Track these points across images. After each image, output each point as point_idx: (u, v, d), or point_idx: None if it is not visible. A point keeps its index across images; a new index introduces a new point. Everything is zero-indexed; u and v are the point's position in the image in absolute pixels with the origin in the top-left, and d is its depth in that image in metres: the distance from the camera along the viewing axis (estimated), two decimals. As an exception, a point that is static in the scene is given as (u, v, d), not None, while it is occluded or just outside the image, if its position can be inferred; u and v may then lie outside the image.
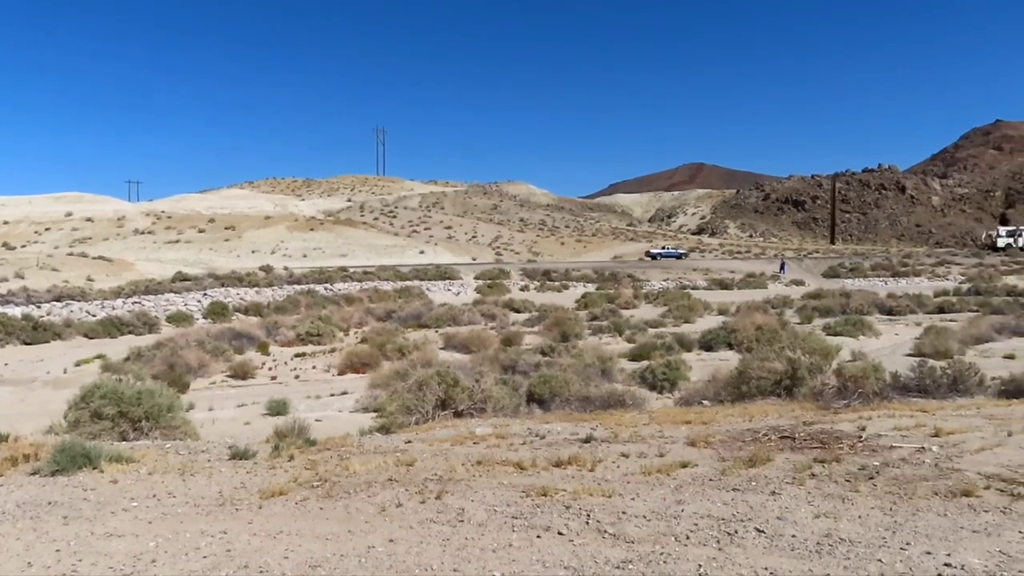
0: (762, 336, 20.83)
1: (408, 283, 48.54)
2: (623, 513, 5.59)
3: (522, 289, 49.24)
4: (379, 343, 22.93)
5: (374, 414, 12.84)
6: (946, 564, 4.50)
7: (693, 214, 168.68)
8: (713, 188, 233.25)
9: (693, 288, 49.65)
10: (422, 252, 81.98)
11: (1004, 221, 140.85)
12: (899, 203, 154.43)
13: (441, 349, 23.35)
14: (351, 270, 54.18)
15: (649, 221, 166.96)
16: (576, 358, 18.26)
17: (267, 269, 52.95)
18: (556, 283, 51.65)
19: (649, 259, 73.60)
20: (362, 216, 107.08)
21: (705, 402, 12.43)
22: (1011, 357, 18.49)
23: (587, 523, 5.40)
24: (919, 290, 43.37)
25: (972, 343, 21.37)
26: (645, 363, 18.25)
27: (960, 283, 49.07)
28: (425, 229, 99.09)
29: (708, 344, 22.18)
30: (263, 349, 24.26)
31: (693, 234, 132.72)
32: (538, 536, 5.19)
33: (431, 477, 6.81)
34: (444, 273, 53.70)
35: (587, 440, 8.29)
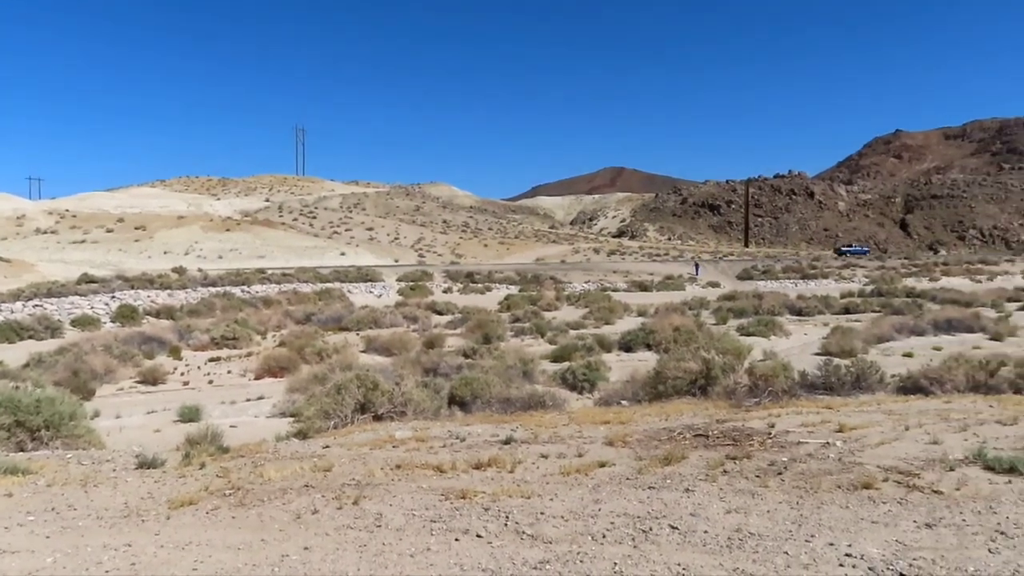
0: (679, 337, 21.32)
1: (328, 285, 47.73)
2: (541, 514, 5.63)
3: (445, 291, 49.09)
4: (298, 346, 22.47)
5: (291, 419, 12.58)
6: (847, 554, 4.70)
7: (614, 217, 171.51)
8: (633, 192, 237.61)
9: (614, 290, 50.45)
10: (343, 254, 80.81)
11: (904, 226, 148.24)
12: (808, 208, 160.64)
13: (362, 352, 23.06)
14: (269, 272, 52.94)
15: (571, 224, 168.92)
16: (498, 360, 18.32)
17: (180, 271, 51.22)
18: (479, 285, 51.69)
19: (837, 255, 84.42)
20: (281, 217, 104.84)
21: (624, 402, 12.65)
22: (909, 355, 19.47)
23: (506, 525, 5.42)
24: (827, 292, 45.18)
25: (874, 342, 22.42)
26: (566, 364, 18.45)
27: (864, 285, 51.34)
28: (346, 230, 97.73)
29: (627, 345, 22.57)
30: (175, 354, 23.45)
31: (613, 236, 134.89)
32: (456, 539, 5.18)
33: (349, 482, 6.71)
34: (366, 275, 53.05)
35: (507, 441, 8.33)
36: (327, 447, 8.64)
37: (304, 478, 6.92)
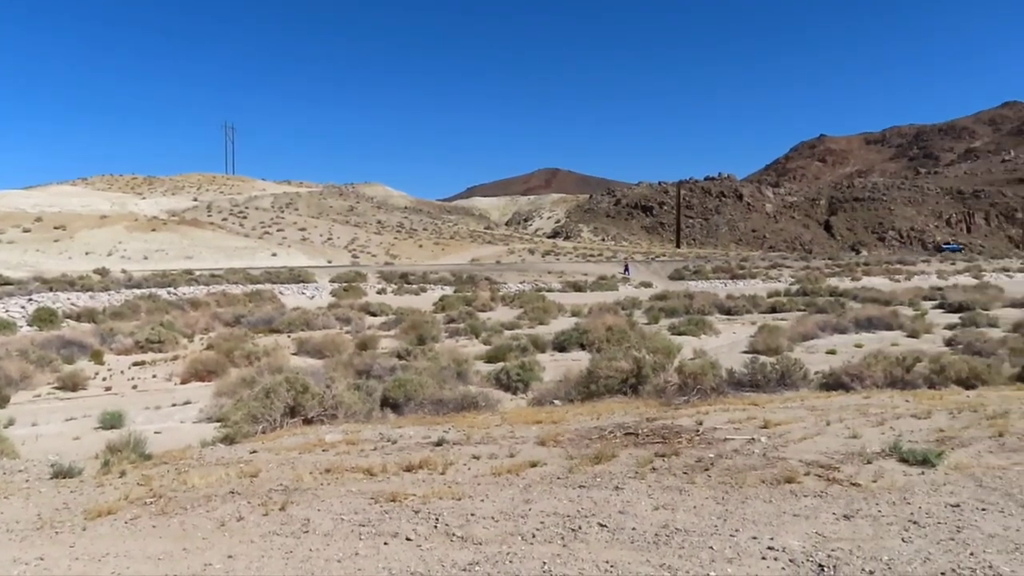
0: (612, 336, 21.55)
1: (259, 286, 46.66)
2: (472, 515, 5.61)
3: (379, 292, 48.52)
4: (226, 349, 21.87)
5: (218, 424, 12.24)
6: (769, 547, 4.83)
7: (549, 218, 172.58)
8: (568, 193, 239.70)
9: (548, 290, 50.69)
10: (274, 254, 79.18)
11: (828, 227, 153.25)
12: (737, 210, 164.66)
13: (293, 354, 22.60)
14: (197, 273, 51.48)
15: (506, 224, 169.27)
16: (432, 361, 18.19)
17: (103, 272, 49.38)
18: (414, 286, 51.29)
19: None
20: (210, 216, 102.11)
21: (556, 402, 12.72)
22: (832, 352, 20.09)
23: (436, 527, 5.38)
24: (755, 291, 46.28)
25: (800, 340, 23.05)
26: (500, 365, 18.44)
27: (790, 284, 52.81)
28: (278, 230, 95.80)
29: (561, 345, 22.68)
30: (97, 358, 22.56)
31: (548, 237, 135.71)
32: (385, 543, 5.12)
33: (276, 488, 6.58)
34: (298, 276, 52.07)
35: (439, 443, 8.28)
36: (255, 452, 8.44)
37: (230, 484, 6.75)
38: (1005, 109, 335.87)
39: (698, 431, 8.42)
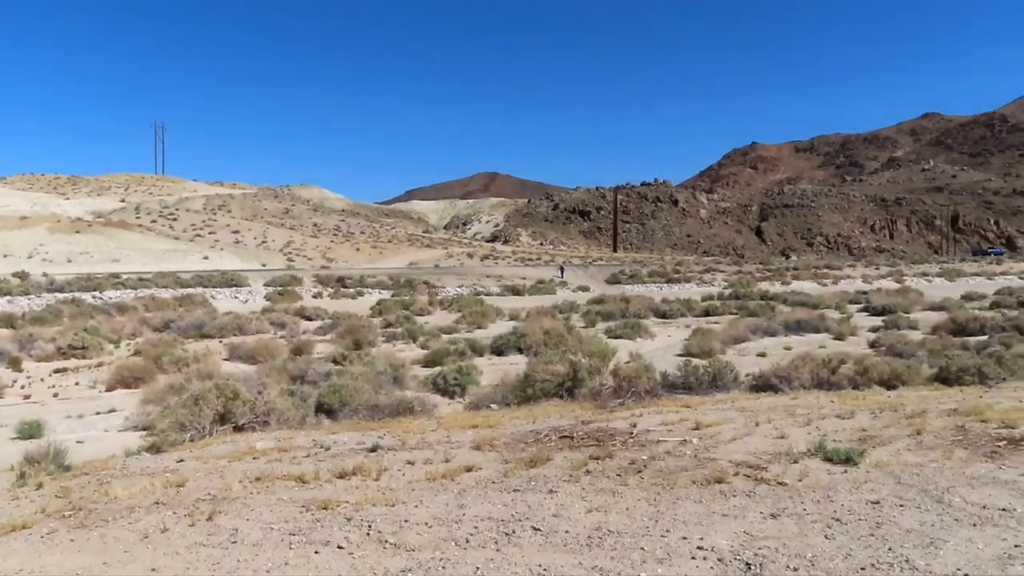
0: (550, 340, 21.66)
1: (190, 290, 45.49)
2: (406, 521, 5.56)
3: (315, 296, 47.79)
4: (154, 355, 21.22)
5: (144, 432, 11.86)
6: (699, 547, 4.91)
7: (487, 222, 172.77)
8: (506, 197, 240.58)
9: (487, 294, 50.74)
10: (206, 257, 77.30)
11: (759, 233, 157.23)
12: (673, 215, 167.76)
13: (225, 360, 22.07)
14: (124, 277, 49.91)
15: (445, 228, 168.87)
16: (368, 366, 17.99)
17: (22, 275, 47.45)
18: (351, 290, 50.69)
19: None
20: (138, 218, 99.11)
21: (493, 406, 12.72)
22: (763, 355, 20.60)
23: (368, 534, 5.31)
24: (689, 295, 47.14)
25: (732, 343, 23.58)
26: (438, 369, 18.35)
27: (723, 288, 53.98)
28: (210, 233, 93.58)
29: (499, 349, 22.71)
30: (15, 365, 21.62)
31: (487, 241, 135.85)
32: (316, 552, 5.03)
33: (204, 497, 6.40)
34: (230, 280, 50.95)
35: (373, 449, 8.19)
36: (182, 461, 8.21)
37: (154, 495, 6.54)
38: (925, 120, 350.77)
39: (632, 433, 8.53)
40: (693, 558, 4.76)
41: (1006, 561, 4.54)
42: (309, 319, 34.31)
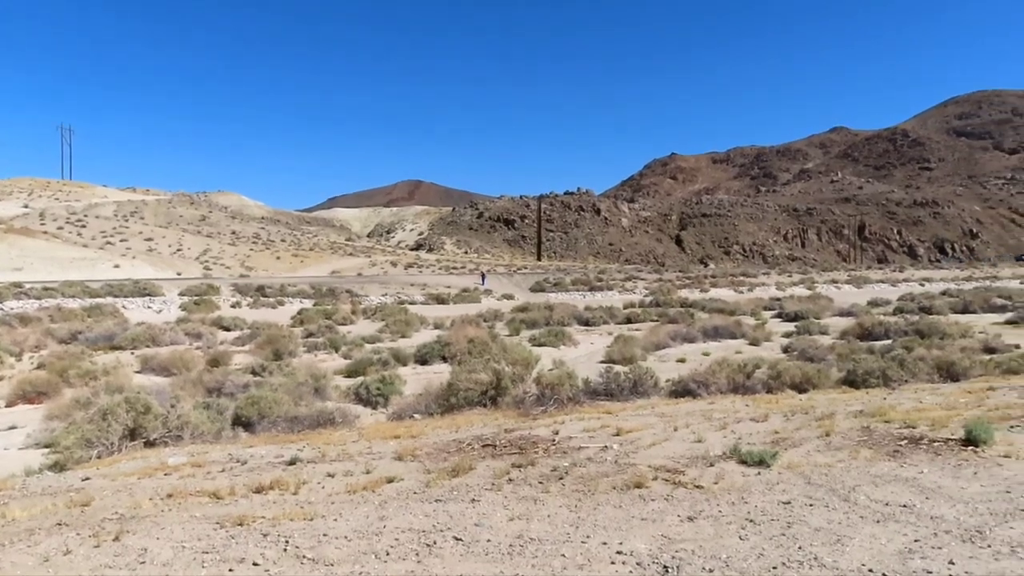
0: (474, 348, 21.64)
1: (100, 300, 43.60)
2: (324, 535, 5.45)
3: (233, 306, 46.51)
4: (60, 368, 20.24)
5: (47, 450, 11.29)
6: (618, 552, 4.97)
7: (412, 230, 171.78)
8: (431, 205, 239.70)
9: (411, 303, 50.37)
10: (117, 266, 74.28)
11: (679, 242, 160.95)
12: (595, 224, 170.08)
13: (137, 373, 21.23)
14: (27, 286, 47.44)
15: (368, 236, 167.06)
16: (288, 377, 17.59)
17: (-86, 285, 44.58)
18: (271, 299, 49.51)
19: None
20: (43, 224, 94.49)
21: (416, 415, 12.61)
22: (682, 361, 21.06)
23: (285, 550, 5.18)
24: (612, 303, 47.85)
25: (653, 349, 24.03)
26: (360, 379, 18.09)
27: (645, 296, 55.03)
28: (121, 240, 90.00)
29: (423, 358, 22.55)
30: (-95, 381, 20.30)
31: (411, 249, 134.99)
32: (230, 570, 4.88)
33: (111, 516, 6.13)
34: (143, 289, 49.08)
35: (292, 462, 8.01)
36: (87, 479, 7.85)
37: (57, 515, 6.23)
38: (833, 134, 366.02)
39: (554, 440, 8.58)
40: (612, 563, 4.82)
41: (907, 555, 4.76)
42: (227, 329, 33.36)
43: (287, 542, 5.31)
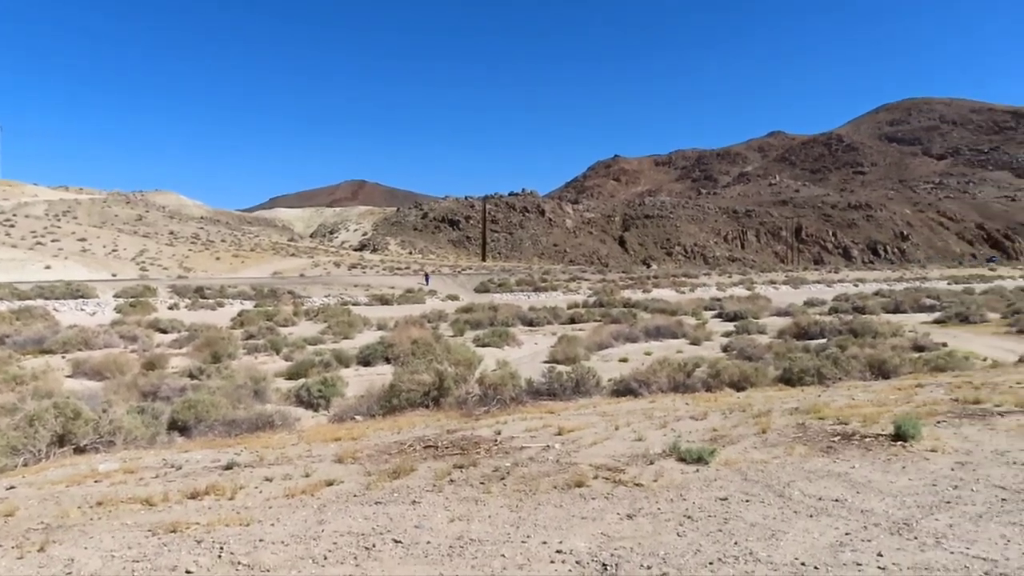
0: (418, 349, 21.52)
1: (29, 303, 42.02)
2: (261, 540, 5.34)
3: (171, 308, 45.35)
4: (-16, 373, 19.46)
5: (-31, 459, 10.82)
6: (558, 551, 4.99)
7: (355, 230, 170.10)
8: (375, 205, 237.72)
9: (354, 304, 49.85)
10: (49, 267, 71.74)
11: (622, 243, 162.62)
12: (540, 225, 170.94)
13: (68, 377, 20.52)
14: (-50, 288, 45.48)
15: (311, 236, 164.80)
16: (227, 380, 17.23)
17: None
18: (210, 300, 48.43)
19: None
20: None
21: (358, 417, 12.48)
22: (625, 360, 21.30)
23: (220, 556, 5.06)
24: (556, 303, 48.16)
25: (596, 349, 24.26)
26: (301, 381, 17.83)
27: (588, 296, 55.50)
28: (53, 241, 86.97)
29: (366, 359, 22.34)
30: None
31: (355, 250, 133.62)
32: (162, 578, 4.74)
33: (36, 526, 5.90)
34: (76, 291, 47.49)
35: (229, 467, 7.84)
36: (12, 488, 7.54)
37: (-23, 526, 5.97)
38: (771, 138, 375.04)
39: (496, 441, 8.58)
40: (552, 562, 4.83)
41: (838, 548, 4.89)
42: (164, 332, 32.49)
43: (222, 548, 5.19)
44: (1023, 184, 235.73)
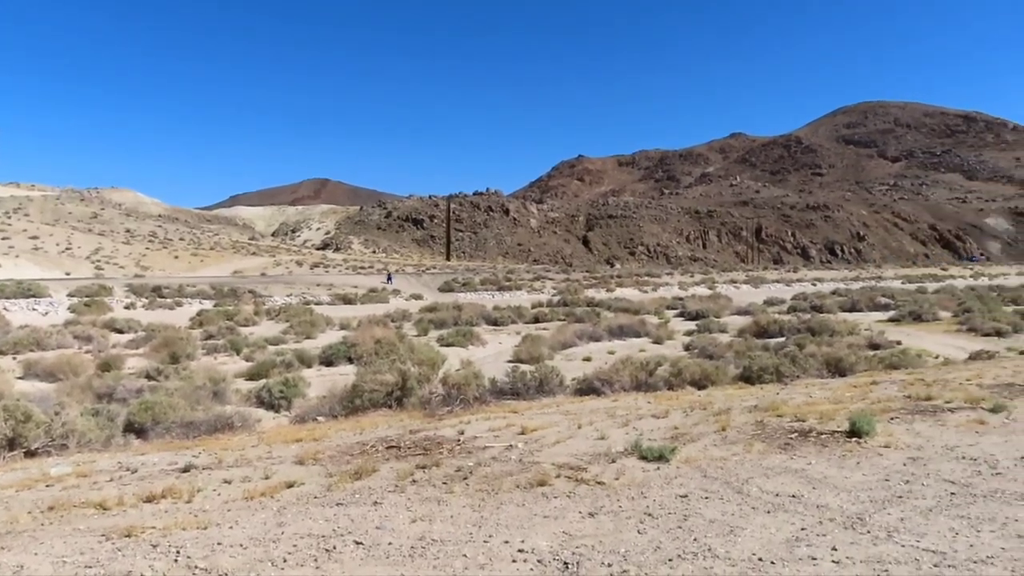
0: (381, 349, 21.37)
1: (-23, 302, 40.91)
2: (219, 544, 5.26)
3: (127, 307, 44.43)
4: (-68, 375, 18.89)
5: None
6: (520, 550, 5.00)
7: (318, 229, 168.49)
8: (338, 204, 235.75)
9: (317, 303, 49.35)
10: (-1, 266, 69.91)
11: (586, 242, 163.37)
12: (504, 224, 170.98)
13: (19, 379, 20.00)
14: None
15: (272, 235, 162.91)
16: (186, 380, 16.94)
17: None
18: (168, 300, 47.55)
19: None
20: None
21: (320, 418, 12.36)
22: (588, 359, 21.39)
23: (176, 560, 4.97)
24: (520, 302, 48.18)
25: (559, 348, 24.32)
26: (262, 382, 17.60)
27: (552, 296, 55.63)
28: (3, 239, 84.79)
29: (329, 359, 22.13)
30: None
31: (318, 249, 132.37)
32: (116, 583, 4.65)
33: (-16, 533, 5.74)
34: (27, 290, 46.29)
35: (186, 469, 7.71)
36: (-41, 493, 7.33)
37: (-77, 533, 5.79)
38: (732, 139, 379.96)
39: (460, 441, 8.57)
40: (514, 561, 4.83)
41: (794, 543, 4.97)
42: (120, 332, 31.83)
43: (178, 552, 5.10)
44: (973, 186, 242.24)
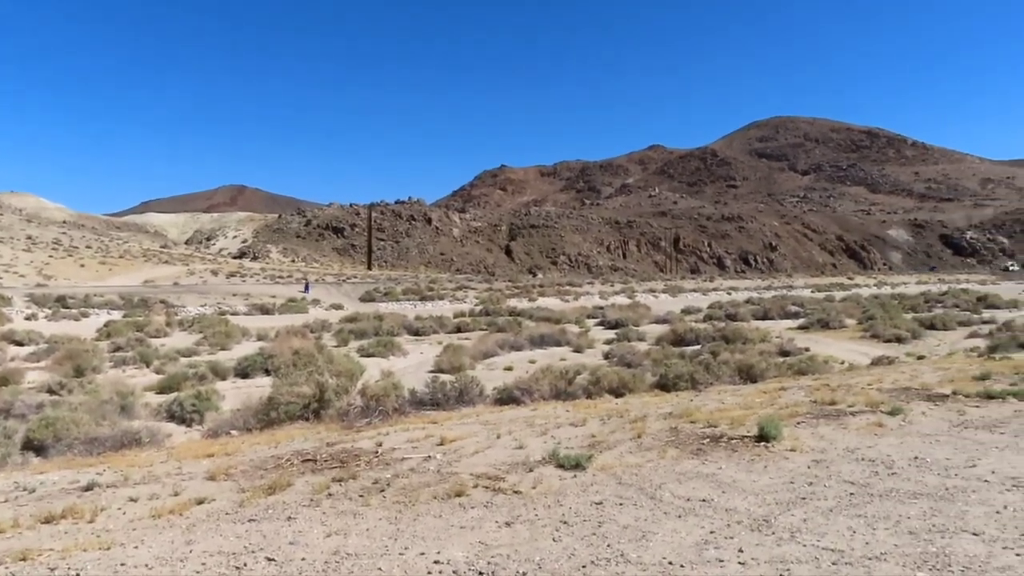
0: (299, 360, 20.96)
1: None
2: (122, 565, 5.08)
3: (28, 318, 42.29)
4: None
5: None
6: (435, 561, 4.99)
7: (235, 237, 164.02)
8: (255, 211, 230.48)
9: (233, 314, 48.04)
10: None
11: (508, 252, 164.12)
12: (427, 233, 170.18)
13: (-94, 395, 18.80)
14: None
15: (186, 243, 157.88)
16: (91, 395, 16.23)
17: None
18: (73, 310, 45.49)
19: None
20: None
21: (234, 432, 12.03)
22: (510, 369, 21.49)
23: (75, 584, 4.78)
24: (442, 312, 48.05)
25: (481, 358, 24.34)
26: (174, 395, 17.02)
27: (475, 305, 55.64)
28: None
29: (244, 371, 21.57)
30: None
31: (234, 258, 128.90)
32: (9, 610, 4.43)
33: None
34: (-83, 300, 43.56)
35: (89, 488, 7.40)
36: None
37: None
38: (651, 151, 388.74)
39: (377, 452, 8.49)
40: (430, 573, 4.83)
41: (703, 546, 5.12)
42: (20, 344, 30.26)
43: (78, 575, 4.90)
44: (877, 199, 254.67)
